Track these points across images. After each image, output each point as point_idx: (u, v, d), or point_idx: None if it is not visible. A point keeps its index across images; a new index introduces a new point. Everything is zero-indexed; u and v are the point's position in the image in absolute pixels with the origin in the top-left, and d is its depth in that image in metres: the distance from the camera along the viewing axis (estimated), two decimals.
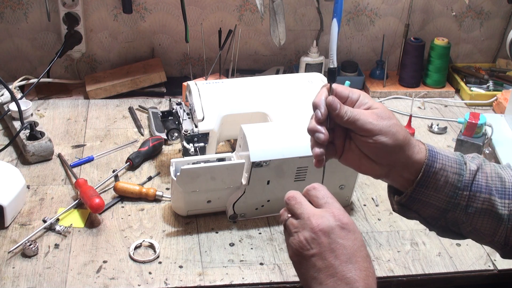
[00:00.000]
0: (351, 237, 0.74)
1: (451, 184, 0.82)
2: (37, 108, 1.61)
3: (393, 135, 0.79)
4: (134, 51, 1.77)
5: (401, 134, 0.80)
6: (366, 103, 0.82)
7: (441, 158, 0.82)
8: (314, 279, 0.73)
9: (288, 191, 0.80)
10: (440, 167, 0.81)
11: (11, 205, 1.16)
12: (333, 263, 0.73)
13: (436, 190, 0.82)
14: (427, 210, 0.84)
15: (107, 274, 1.07)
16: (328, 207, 0.76)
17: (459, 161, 0.83)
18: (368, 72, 1.86)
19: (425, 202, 0.83)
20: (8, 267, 1.07)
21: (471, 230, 0.84)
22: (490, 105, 1.75)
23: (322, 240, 0.73)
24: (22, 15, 1.67)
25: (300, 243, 0.75)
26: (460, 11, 1.87)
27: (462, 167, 0.83)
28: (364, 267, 0.73)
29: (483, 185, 0.82)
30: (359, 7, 1.81)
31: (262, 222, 1.23)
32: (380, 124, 0.79)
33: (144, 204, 1.26)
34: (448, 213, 0.83)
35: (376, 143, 0.79)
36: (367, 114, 0.79)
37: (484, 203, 0.82)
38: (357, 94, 0.82)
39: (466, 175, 0.82)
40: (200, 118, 1.24)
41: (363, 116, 0.79)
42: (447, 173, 0.82)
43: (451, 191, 0.82)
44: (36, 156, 1.36)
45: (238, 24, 1.75)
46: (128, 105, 1.65)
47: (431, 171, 0.81)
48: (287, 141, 1.15)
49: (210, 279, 1.08)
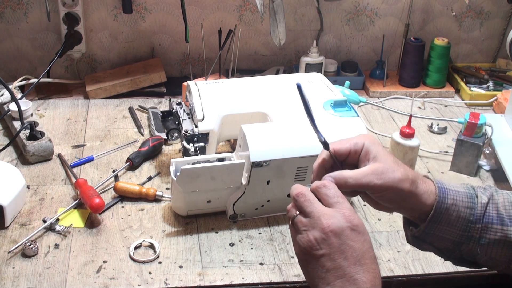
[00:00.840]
0: (361, 238, 0.74)
1: (463, 218, 0.83)
2: (37, 108, 1.61)
3: (397, 189, 0.79)
4: (134, 51, 1.77)
5: (406, 185, 0.80)
6: (371, 151, 0.81)
7: (451, 194, 0.83)
8: (322, 279, 0.74)
9: (295, 186, 0.79)
10: (452, 203, 0.82)
11: (11, 205, 1.16)
12: (342, 264, 0.73)
13: (449, 225, 0.83)
14: (441, 243, 0.85)
15: (107, 274, 1.07)
16: (338, 207, 0.75)
17: (470, 194, 0.84)
18: (368, 72, 1.86)
19: (438, 236, 0.84)
20: (8, 267, 1.07)
21: (486, 259, 0.85)
22: (490, 105, 1.75)
23: (332, 241, 0.73)
24: (22, 15, 1.67)
25: (309, 242, 0.74)
26: (460, 11, 1.87)
27: (473, 201, 0.83)
28: (372, 269, 0.73)
29: (494, 216, 0.83)
30: (359, 7, 1.81)
31: (262, 222, 1.23)
32: (383, 181, 0.78)
33: (144, 204, 1.26)
34: (462, 245, 0.84)
35: (382, 197, 0.80)
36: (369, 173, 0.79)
37: (497, 234, 0.83)
38: (361, 144, 0.82)
39: (477, 208, 0.83)
40: (200, 118, 1.24)
41: (365, 179, 0.78)
42: (458, 208, 0.82)
43: (464, 225, 0.83)
44: (36, 156, 1.36)
45: (238, 24, 1.75)
46: (128, 105, 1.65)
47: (443, 208, 0.82)
48: (287, 141, 1.15)
49: (210, 279, 1.08)
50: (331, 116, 1.23)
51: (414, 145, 1.35)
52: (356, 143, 0.82)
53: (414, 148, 1.35)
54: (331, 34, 1.84)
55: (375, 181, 0.78)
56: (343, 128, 1.21)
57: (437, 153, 1.51)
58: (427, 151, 1.51)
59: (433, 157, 1.49)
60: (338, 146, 0.82)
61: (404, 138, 1.35)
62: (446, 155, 1.50)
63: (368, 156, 0.81)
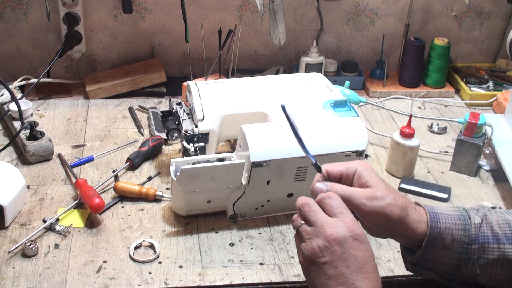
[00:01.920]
0: (363, 248, 0.75)
1: (458, 240, 0.83)
2: (37, 108, 1.61)
3: (385, 216, 0.80)
4: (134, 51, 1.77)
5: (396, 213, 0.80)
6: (363, 176, 0.82)
7: (443, 218, 0.84)
8: (324, 286, 0.75)
9: (301, 198, 0.81)
10: (445, 227, 0.83)
11: (11, 205, 1.16)
12: (344, 272, 0.74)
13: (445, 249, 0.84)
14: (440, 268, 0.86)
15: (107, 274, 1.07)
16: (342, 217, 0.77)
17: (462, 217, 0.85)
18: (368, 72, 1.86)
19: (436, 261, 0.85)
20: (8, 267, 1.07)
21: (487, 280, 0.85)
22: (490, 105, 1.75)
23: (335, 249, 0.75)
24: (22, 15, 1.67)
25: (312, 250, 0.76)
26: (460, 11, 1.87)
27: (466, 222, 0.84)
28: (373, 277, 0.75)
29: (490, 235, 0.84)
30: (359, 7, 1.81)
31: (262, 222, 1.23)
32: (372, 205, 0.79)
33: (144, 204, 1.26)
34: (461, 268, 0.85)
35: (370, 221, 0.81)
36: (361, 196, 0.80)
37: (494, 253, 0.83)
38: (353, 169, 0.83)
39: (471, 229, 0.84)
40: (200, 118, 1.24)
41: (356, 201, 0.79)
42: (452, 231, 0.83)
43: (460, 247, 0.83)
44: (36, 156, 1.36)
45: (238, 24, 1.75)
46: (128, 105, 1.65)
47: (436, 233, 0.83)
48: (287, 141, 1.15)
49: (210, 279, 1.08)
50: (331, 116, 1.23)
51: (414, 145, 1.35)
52: (348, 167, 0.83)
53: (414, 148, 1.35)
54: (331, 34, 1.84)
55: (365, 203, 0.79)
56: (343, 128, 1.21)
57: (437, 153, 1.51)
58: (427, 151, 1.51)
59: (433, 157, 1.49)
60: (330, 168, 0.83)
61: (404, 138, 1.35)
62: (446, 155, 1.50)
63: (361, 181, 0.82)
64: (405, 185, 1.34)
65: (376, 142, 1.55)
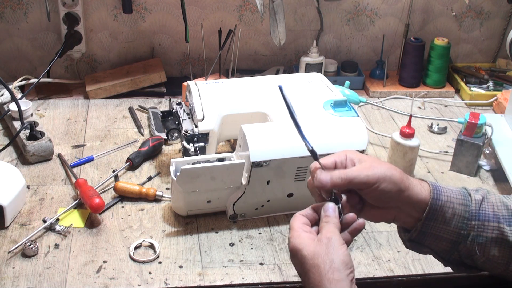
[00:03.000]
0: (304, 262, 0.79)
1: (458, 215, 0.84)
2: (37, 108, 1.61)
3: (390, 178, 0.81)
4: (134, 51, 1.77)
5: (397, 176, 0.82)
6: (354, 158, 0.84)
7: (445, 191, 0.85)
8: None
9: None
10: (446, 199, 0.84)
11: (11, 205, 1.16)
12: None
13: (445, 223, 0.84)
14: (439, 244, 0.86)
15: (107, 274, 1.07)
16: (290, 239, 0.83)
17: (463, 193, 0.86)
18: (368, 72, 1.86)
19: (435, 236, 0.85)
20: (8, 267, 1.07)
21: (484, 260, 0.85)
22: (490, 105, 1.75)
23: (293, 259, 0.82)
24: (22, 15, 1.67)
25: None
26: (460, 11, 1.87)
27: (467, 198, 0.85)
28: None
29: (490, 213, 0.84)
30: (359, 7, 1.81)
31: (262, 222, 1.23)
32: (374, 173, 0.81)
33: (144, 204, 1.26)
34: (460, 245, 0.85)
35: (377, 190, 0.82)
36: (360, 169, 0.82)
37: (493, 232, 0.84)
38: (343, 155, 0.85)
39: (472, 205, 0.84)
40: (200, 118, 1.24)
41: (357, 173, 0.82)
42: (453, 205, 0.84)
43: (460, 222, 0.84)
44: (36, 156, 1.36)
45: (238, 24, 1.75)
46: (128, 105, 1.65)
47: (438, 204, 0.83)
48: (287, 141, 1.15)
49: (210, 279, 1.08)
50: (331, 116, 1.23)
51: (414, 145, 1.35)
52: (339, 155, 0.85)
53: (414, 148, 1.35)
54: (331, 34, 1.84)
55: (365, 172, 0.81)
56: (343, 128, 1.21)
57: (437, 153, 1.51)
58: (427, 151, 1.51)
59: (433, 157, 1.49)
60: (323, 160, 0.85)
61: (404, 138, 1.35)
62: (446, 155, 1.50)
63: (354, 162, 0.84)
64: None
65: (376, 142, 1.55)
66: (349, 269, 0.76)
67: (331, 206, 0.82)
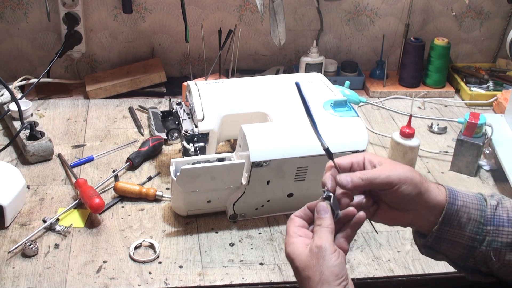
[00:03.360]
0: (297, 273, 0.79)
1: (474, 220, 0.84)
2: (37, 108, 1.61)
3: (410, 180, 0.81)
4: (134, 51, 1.77)
5: (417, 178, 0.82)
6: (373, 160, 0.84)
7: (461, 196, 0.85)
8: None
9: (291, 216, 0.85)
10: (462, 204, 0.84)
11: (11, 205, 1.16)
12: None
13: (460, 228, 0.84)
14: (454, 250, 0.86)
15: (107, 274, 1.07)
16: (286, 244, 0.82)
17: (479, 198, 0.86)
18: (368, 72, 1.86)
19: (451, 241, 0.85)
20: (8, 267, 1.07)
21: (500, 266, 0.85)
22: (490, 105, 1.75)
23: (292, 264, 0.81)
24: (22, 15, 1.67)
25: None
26: (460, 11, 1.87)
27: (482, 203, 0.85)
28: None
29: (505, 218, 0.84)
30: (359, 7, 1.81)
31: (262, 222, 1.23)
32: (396, 174, 0.81)
33: (144, 204, 1.26)
34: (475, 251, 0.85)
35: (398, 192, 0.82)
36: (381, 170, 0.82)
37: (508, 237, 0.83)
38: (361, 156, 0.85)
39: (487, 210, 0.84)
40: (200, 118, 1.24)
41: (378, 173, 0.81)
42: (469, 210, 0.84)
43: (475, 227, 0.84)
44: (36, 156, 1.36)
45: (238, 24, 1.75)
46: (128, 105, 1.65)
47: (454, 209, 0.83)
48: (287, 141, 1.15)
49: (210, 279, 1.08)
50: (331, 116, 1.23)
51: (414, 145, 1.35)
52: (356, 156, 0.85)
53: (414, 148, 1.35)
54: (331, 34, 1.84)
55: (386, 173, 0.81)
56: (343, 128, 1.21)
57: (437, 153, 1.51)
58: (427, 151, 1.51)
59: (433, 157, 1.49)
60: (339, 160, 0.85)
61: (404, 138, 1.35)
62: (446, 155, 1.50)
63: (373, 164, 0.84)
64: None
65: (376, 142, 1.55)
66: (339, 279, 0.75)
67: (323, 207, 0.80)
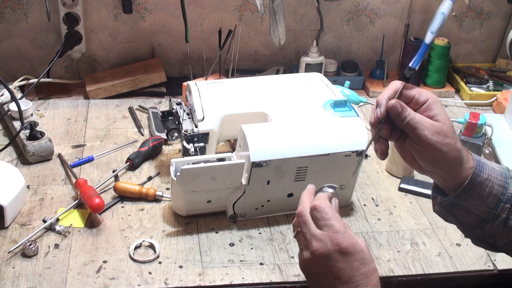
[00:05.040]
0: (350, 259, 0.79)
1: (494, 195, 0.83)
2: (37, 108, 1.61)
3: (442, 153, 0.80)
4: (134, 51, 1.77)
5: (451, 154, 0.81)
6: (433, 109, 0.82)
7: (487, 169, 0.84)
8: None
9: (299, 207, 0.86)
10: (486, 177, 0.83)
11: (11, 205, 1.16)
12: (333, 282, 0.79)
13: (479, 200, 0.83)
14: (466, 218, 0.85)
15: (107, 274, 1.07)
16: (327, 230, 0.81)
17: (504, 174, 0.85)
18: (368, 72, 1.86)
19: (466, 210, 0.84)
20: (8, 267, 1.07)
21: (507, 242, 0.85)
22: (490, 105, 1.75)
23: (322, 263, 0.80)
24: (22, 15, 1.67)
25: (303, 261, 0.83)
26: (460, 11, 1.87)
27: (507, 180, 0.84)
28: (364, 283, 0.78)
29: None
30: (359, 7, 1.81)
31: (262, 222, 1.23)
32: (434, 139, 0.80)
33: (144, 204, 1.26)
34: (487, 224, 0.85)
35: (424, 154, 0.81)
36: (427, 125, 0.80)
37: None
38: (425, 97, 0.83)
39: (510, 188, 0.84)
40: (200, 118, 1.24)
41: (421, 125, 0.80)
42: (492, 184, 0.83)
43: (494, 202, 0.83)
44: (36, 156, 1.36)
45: (238, 24, 1.75)
46: (128, 105, 1.65)
47: (478, 181, 0.83)
48: (287, 141, 1.15)
49: (210, 279, 1.08)
50: (331, 116, 1.23)
51: None
52: (420, 93, 0.83)
53: None
54: (331, 34, 1.84)
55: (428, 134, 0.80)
56: (343, 128, 1.21)
57: None
58: None
59: None
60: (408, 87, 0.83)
61: None
62: None
63: (430, 113, 0.82)
64: (405, 185, 1.34)
65: None
66: None
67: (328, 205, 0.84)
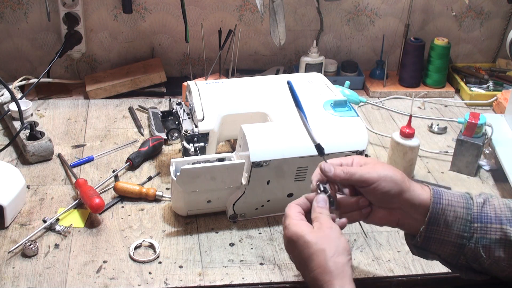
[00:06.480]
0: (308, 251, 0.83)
1: (460, 218, 0.86)
2: (37, 108, 1.61)
3: (390, 178, 0.86)
4: (134, 51, 1.78)
5: (398, 176, 0.86)
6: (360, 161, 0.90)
7: (446, 195, 0.87)
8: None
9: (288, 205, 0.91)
10: (447, 203, 0.86)
11: (11, 205, 1.16)
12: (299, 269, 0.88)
13: (448, 226, 0.86)
14: (444, 249, 0.88)
15: (107, 274, 1.07)
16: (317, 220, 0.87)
17: (465, 196, 0.88)
18: (368, 72, 1.86)
19: (439, 240, 0.87)
20: (8, 267, 1.07)
21: (491, 262, 0.86)
22: (490, 105, 1.75)
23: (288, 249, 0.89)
24: (22, 15, 1.67)
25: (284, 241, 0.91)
26: (460, 11, 1.87)
27: (468, 201, 0.87)
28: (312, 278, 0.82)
29: (492, 215, 0.86)
30: (359, 7, 1.81)
31: (262, 222, 1.23)
32: (376, 171, 0.86)
33: (144, 204, 1.26)
34: (465, 248, 0.86)
35: (378, 189, 0.86)
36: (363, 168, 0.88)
37: (497, 233, 0.85)
38: (351, 159, 0.92)
39: (474, 208, 0.86)
40: (200, 118, 1.24)
41: (359, 170, 0.87)
42: (455, 208, 0.86)
43: (462, 224, 0.86)
44: (36, 156, 1.36)
45: (238, 24, 1.75)
46: (128, 105, 1.65)
47: (439, 208, 0.86)
48: (287, 141, 1.15)
49: (210, 279, 1.08)
50: (331, 116, 1.23)
51: (414, 145, 1.35)
52: (345, 158, 0.92)
53: (414, 148, 1.35)
54: (331, 34, 1.84)
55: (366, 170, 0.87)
56: (343, 128, 1.21)
57: (437, 153, 1.51)
58: (427, 151, 1.51)
59: (433, 157, 1.49)
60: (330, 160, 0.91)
61: (404, 138, 1.35)
62: (446, 155, 1.50)
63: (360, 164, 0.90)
64: None
65: (376, 142, 1.55)
66: (349, 255, 0.82)
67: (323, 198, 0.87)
